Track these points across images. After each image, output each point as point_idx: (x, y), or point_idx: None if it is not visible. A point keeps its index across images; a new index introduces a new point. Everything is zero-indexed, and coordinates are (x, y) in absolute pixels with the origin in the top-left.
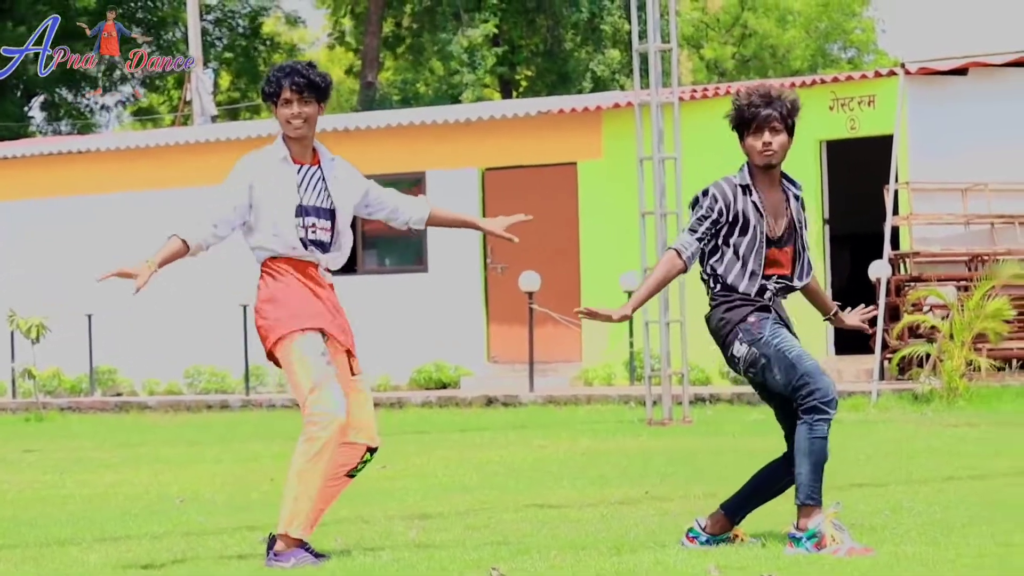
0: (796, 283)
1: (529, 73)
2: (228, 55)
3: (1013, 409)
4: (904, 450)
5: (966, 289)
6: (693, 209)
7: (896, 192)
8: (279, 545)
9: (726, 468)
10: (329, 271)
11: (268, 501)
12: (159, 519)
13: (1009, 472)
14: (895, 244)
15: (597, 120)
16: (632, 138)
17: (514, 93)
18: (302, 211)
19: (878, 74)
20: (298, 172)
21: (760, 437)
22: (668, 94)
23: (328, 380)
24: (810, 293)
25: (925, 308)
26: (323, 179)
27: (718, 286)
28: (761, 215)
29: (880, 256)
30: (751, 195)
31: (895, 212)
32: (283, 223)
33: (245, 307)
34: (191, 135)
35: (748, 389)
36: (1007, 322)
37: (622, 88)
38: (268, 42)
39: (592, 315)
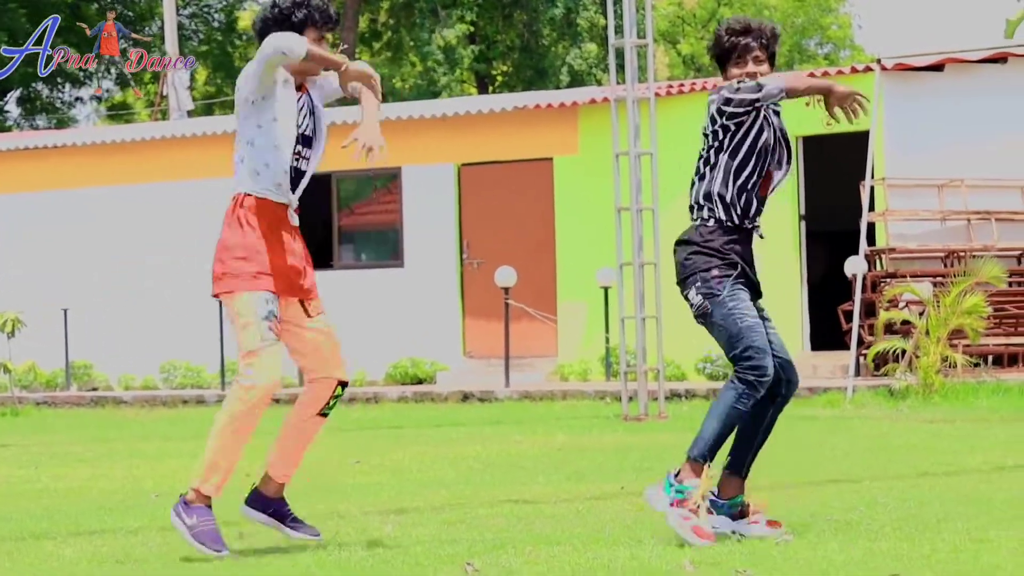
0: (769, 195)
1: (505, 68)
2: (204, 49)
3: (989, 405)
4: (879, 446)
5: (942, 285)
6: (744, 85)
7: (872, 188)
8: (190, 495)
9: None
10: (296, 213)
11: (242, 497)
12: (134, 514)
13: (984, 468)
14: (871, 240)
15: (573, 115)
16: (608, 133)
17: (490, 88)
18: (299, 139)
19: (854, 70)
20: (298, 100)
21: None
22: (644, 89)
23: (266, 347)
24: None
25: (901, 304)
26: (310, 106)
27: (705, 211)
28: (771, 126)
29: (856, 252)
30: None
31: (871, 208)
32: (285, 142)
33: (221, 302)
34: (167, 130)
35: (723, 385)
36: (983, 318)
37: (598, 82)
38: (244, 36)
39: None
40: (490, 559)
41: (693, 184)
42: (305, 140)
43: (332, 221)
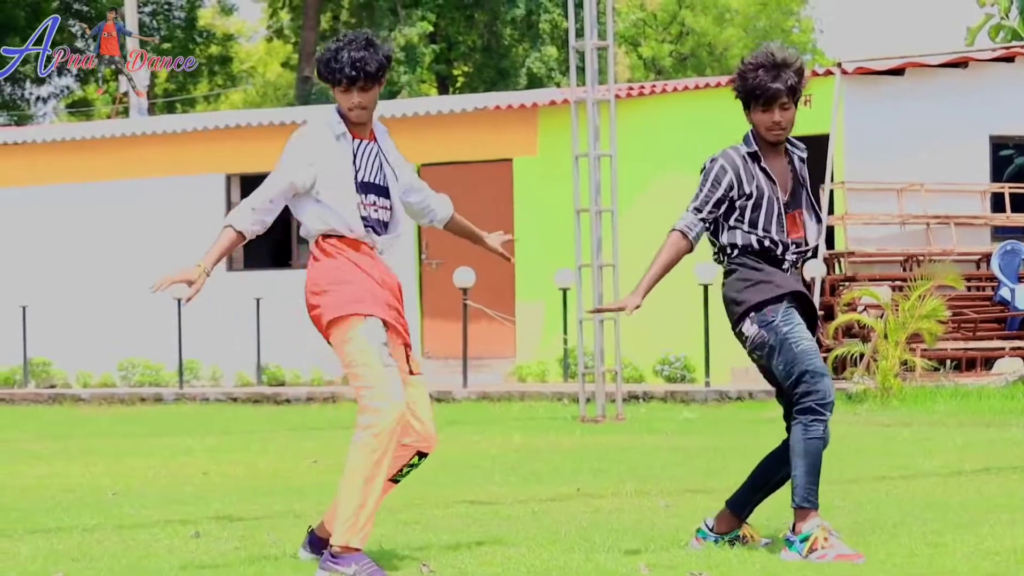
0: (810, 243)
1: (467, 69)
2: (165, 46)
3: (947, 409)
4: (836, 450)
5: (901, 289)
6: (703, 178)
7: (832, 192)
8: (336, 548)
9: (658, 466)
10: (382, 255)
11: (200, 495)
12: (91, 511)
13: (941, 472)
14: (830, 244)
15: (533, 117)
16: (568, 135)
17: (451, 89)
18: (363, 188)
19: (815, 73)
20: (356, 147)
21: (692, 435)
22: (604, 91)
23: (390, 370)
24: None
25: (859, 308)
26: (380, 154)
27: (735, 252)
28: (773, 182)
29: (815, 256)
30: (760, 162)
31: (830, 212)
32: (345, 200)
33: (179, 300)
34: (127, 127)
35: (681, 387)
36: (942, 323)
37: (558, 86)
38: (204, 34)
39: (602, 311)
40: (445, 560)
41: (708, 238)
42: (373, 188)
43: (291, 221)
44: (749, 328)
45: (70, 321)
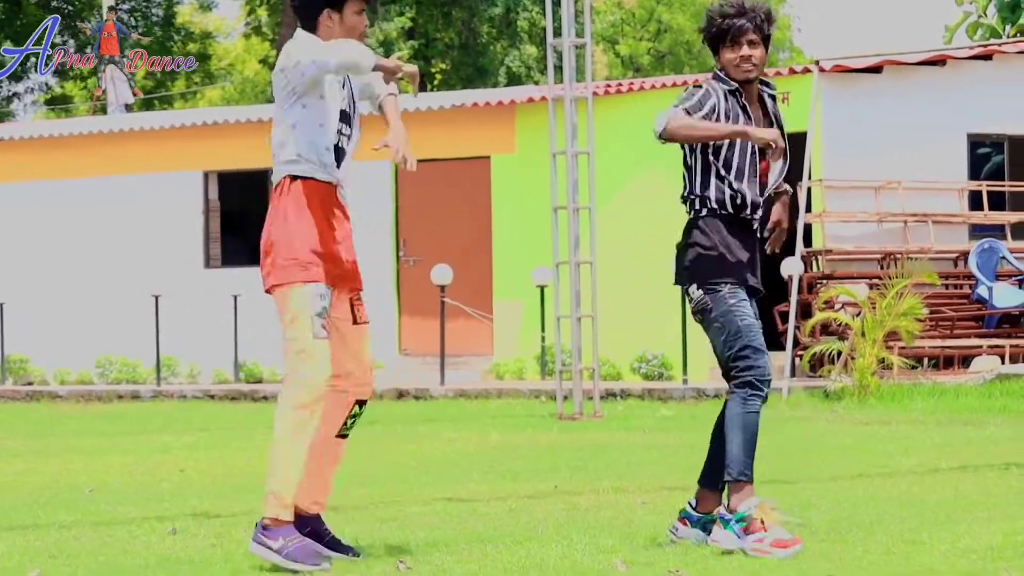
0: (769, 185)
1: (444, 66)
2: (144, 44)
3: (924, 407)
4: (814, 447)
5: (878, 287)
6: (686, 95)
7: (809, 189)
8: (267, 521)
9: (636, 463)
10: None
11: (177, 492)
12: (68, 508)
13: (918, 470)
14: (808, 241)
15: (511, 114)
16: (545, 132)
17: (429, 86)
18: (341, 115)
19: (792, 71)
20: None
21: (670, 432)
22: (582, 89)
23: (319, 343)
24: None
25: (837, 306)
26: (346, 81)
27: (704, 209)
28: (750, 120)
29: (792, 253)
30: (740, 98)
31: (808, 209)
32: (329, 123)
33: (157, 297)
34: (104, 124)
35: (659, 384)
36: (919, 320)
37: (537, 84)
38: (182, 31)
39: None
40: (422, 557)
41: (684, 176)
42: (344, 116)
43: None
44: (695, 291)
45: (48, 318)
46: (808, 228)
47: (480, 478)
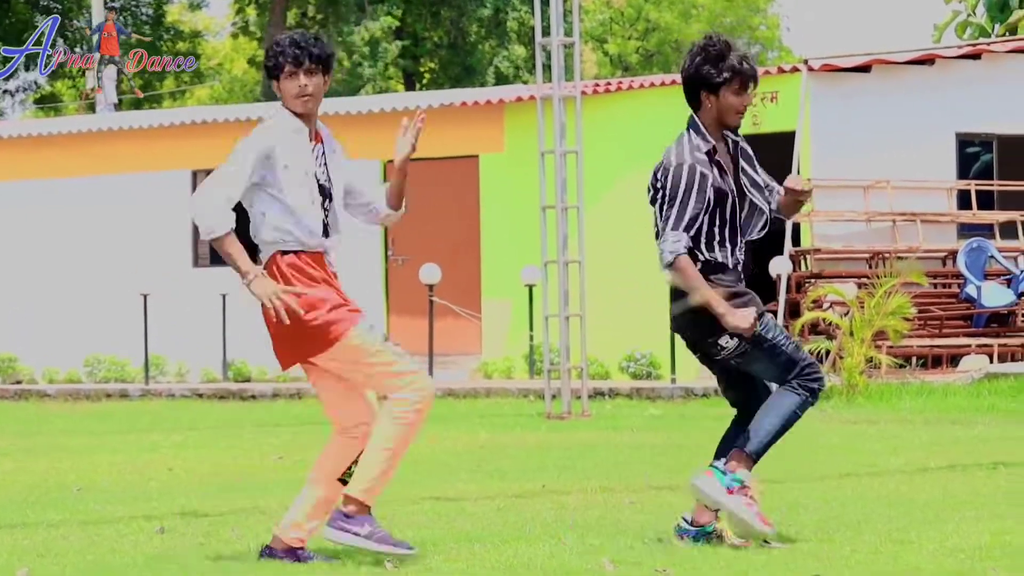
0: (754, 235)
1: (433, 66)
2: (132, 42)
3: (912, 407)
4: (802, 447)
5: (867, 286)
6: (681, 186)
7: None
8: (350, 507)
9: (624, 462)
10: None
11: (165, 491)
12: (56, 507)
13: (906, 469)
14: (796, 241)
15: (499, 113)
16: (534, 131)
17: (417, 85)
18: (322, 191)
19: (781, 70)
20: (313, 149)
21: (658, 432)
22: (570, 88)
23: (402, 355)
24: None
25: (825, 305)
26: (324, 156)
27: (699, 265)
28: (725, 174)
29: (781, 253)
30: (716, 156)
31: None
32: (309, 203)
33: (146, 296)
34: (93, 123)
35: (647, 384)
36: (907, 320)
37: (525, 84)
38: (172, 30)
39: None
40: (411, 556)
41: (657, 235)
42: (324, 191)
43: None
44: (729, 341)
45: (36, 317)
46: (796, 227)
47: (468, 477)
